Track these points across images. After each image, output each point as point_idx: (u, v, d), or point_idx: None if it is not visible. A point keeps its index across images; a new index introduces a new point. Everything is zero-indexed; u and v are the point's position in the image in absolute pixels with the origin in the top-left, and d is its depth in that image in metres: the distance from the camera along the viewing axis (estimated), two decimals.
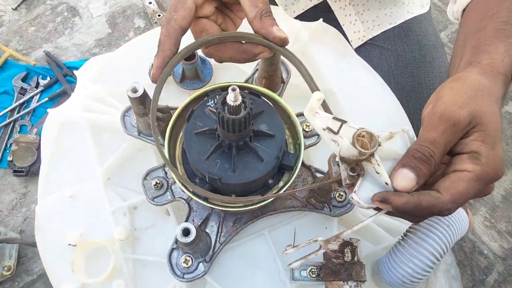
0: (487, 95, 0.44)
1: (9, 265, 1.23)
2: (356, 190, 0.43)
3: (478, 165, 0.40)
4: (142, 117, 0.58)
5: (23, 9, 1.79)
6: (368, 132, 0.40)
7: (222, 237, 0.58)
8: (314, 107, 0.42)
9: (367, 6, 0.95)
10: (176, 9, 0.51)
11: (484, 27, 0.53)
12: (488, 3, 0.57)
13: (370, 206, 0.43)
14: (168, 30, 0.50)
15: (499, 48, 0.49)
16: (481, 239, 1.48)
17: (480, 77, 0.46)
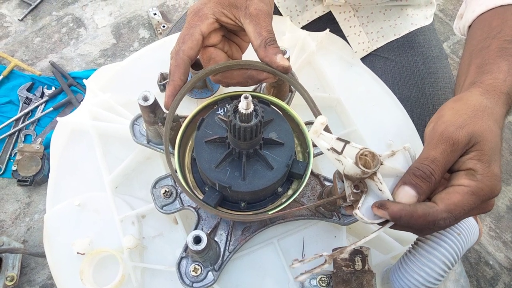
0: (487, 115, 0.45)
1: (12, 275, 1.23)
2: (360, 207, 0.45)
3: (474, 181, 0.42)
4: (152, 125, 0.58)
5: (29, 20, 1.81)
6: (371, 152, 0.42)
7: (231, 245, 0.58)
8: (318, 130, 0.45)
9: (372, 18, 0.97)
10: (184, 40, 0.53)
11: (488, 46, 0.55)
12: (492, 21, 0.59)
13: (373, 222, 0.45)
14: (177, 61, 0.53)
15: (502, 68, 0.51)
16: (486, 250, 1.47)
17: (482, 98, 0.48)
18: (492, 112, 0.46)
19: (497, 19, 0.59)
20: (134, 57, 0.76)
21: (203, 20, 0.54)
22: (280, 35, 0.78)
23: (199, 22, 0.54)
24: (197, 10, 0.55)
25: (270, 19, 0.55)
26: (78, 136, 0.68)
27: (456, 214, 0.42)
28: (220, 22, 0.56)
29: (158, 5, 1.89)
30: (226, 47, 0.59)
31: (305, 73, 0.75)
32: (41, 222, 1.43)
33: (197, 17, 0.54)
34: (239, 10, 0.54)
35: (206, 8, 0.54)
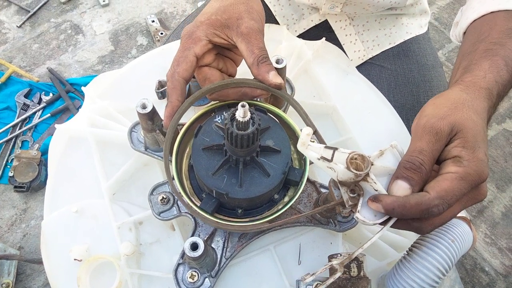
0: (466, 107, 0.48)
1: (8, 282, 1.22)
2: (359, 210, 0.45)
3: (460, 167, 0.43)
4: (150, 132, 0.59)
5: (28, 27, 1.82)
6: (360, 154, 0.43)
7: (228, 252, 0.58)
8: (306, 141, 0.45)
9: (367, 27, 0.98)
10: (178, 63, 0.55)
11: (475, 49, 0.57)
12: (482, 26, 0.61)
13: (375, 223, 0.45)
14: (173, 83, 0.55)
15: (483, 66, 0.53)
16: (482, 256, 1.48)
17: (461, 93, 0.50)
18: (471, 105, 0.48)
19: (487, 25, 0.61)
20: (133, 65, 0.76)
21: (196, 43, 0.56)
22: (277, 44, 0.79)
23: (193, 44, 0.56)
24: (191, 33, 0.57)
25: (261, 36, 0.56)
26: (76, 143, 0.69)
27: (448, 199, 0.43)
28: (213, 43, 0.58)
29: (156, 12, 1.91)
30: (220, 64, 0.61)
31: (301, 81, 0.76)
32: (38, 228, 1.42)
33: (191, 39, 0.56)
34: (231, 29, 0.56)
35: (199, 30, 0.56)
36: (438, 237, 0.52)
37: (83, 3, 1.90)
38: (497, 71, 0.53)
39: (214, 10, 0.57)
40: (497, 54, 0.54)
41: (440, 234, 0.53)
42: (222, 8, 0.57)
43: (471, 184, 0.44)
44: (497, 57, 0.54)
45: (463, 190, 0.43)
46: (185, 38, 0.57)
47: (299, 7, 0.99)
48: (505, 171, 1.65)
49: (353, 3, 0.87)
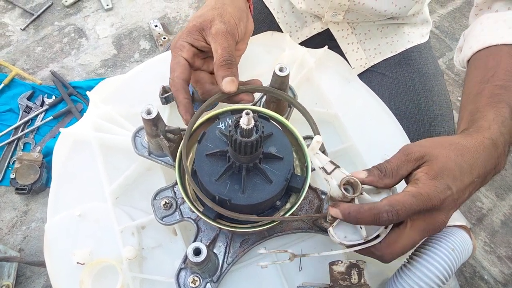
0: (453, 147, 0.50)
1: (8, 284, 1.22)
2: (335, 226, 0.51)
3: (414, 187, 0.47)
4: (154, 138, 0.59)
5: (31, 30, 1.83)
6: (356, 180, 0.48)
7: (229, 257, 0.59)
8: (315, 148, 0.50)
9: (369, 35, 0.99)
10: (174, 69, 0.61)
11: (481, 91, 0.59)
12: (488, 61, 0.62)
13: (342, 242, 0.51)
14: (176, 86, 0.61)
15: (488, 116, 0.54)
16: (481, 264, 1.48)
17: (459, 138, 0.52)
18: (462, 148, 0.50)
19: (492, 60, 0.62)
20: (137, 70, 0.77)
21: (182, 49, 0.62)
22: (280, 51, 0.80)
23: (179, 51, 0.62)
24: (175, 44, 0.63)
25: (229, 37, 0.60)
26: (80, 147, 0.69)
27: (398, 209, 0.46)
28: (196, 47, 0.63)
29: (159, 17, 1.92)
30: (210, 65, 0.66)
31: (303, 89, 0.76)
32: (38, 230, 1.43)
33: (176, 48, 0.62)
34: (205, 32, 0.61)
35: (181, 39, 0.62)
36: (438, 245, 0.53)
37: (87, 7, 1.91)
38: (502, 120, 0.54)
39: (193, 18, 0.63)
40: (502, 100, 0.55)
41: (440, 243, 0.53)
42: (199, 14, 0.63)
43: (421, 204, 0.46)
44: (502, 103, 0.55)
45: (413, 206, 0.46)
46: (173, 48, 0.63)
47: (302, 15, 1.00)
48: (504, 179, 1.66)
49: (355, 10, 0.88)
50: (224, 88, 0.58)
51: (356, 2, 0.84)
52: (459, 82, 1.91)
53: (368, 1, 0.84)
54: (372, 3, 0.85)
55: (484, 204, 1.63)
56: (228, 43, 0.59)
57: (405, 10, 0.90)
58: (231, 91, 0.59)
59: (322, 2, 0.90)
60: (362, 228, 0.49)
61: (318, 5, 0.91)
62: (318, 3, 0.91)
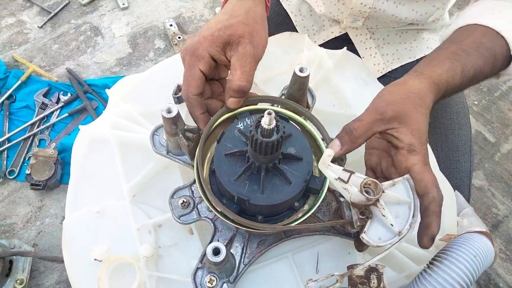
0: (417, 98, 0.55)
1: (22, 279, 1.24)
2: (366, 231, 0.50)
3: (417, 155, 0.52)
4: (173, 136, 0.59)
5: (48, 28, 1.86)
6: (373, 181, 0.48)
7: (246, 258, 0.58)
8: (326, 162, 0.50)
9: (387, 40, 0.98)
10: (189, 83, 0.58)
11: (446, 47, 0.64)
12: (462, 33, 0.67)
13: (378, 244, 0.49)
14: (191, 103, 0.59)
15: (443, 66, 0.60)
16: (496, 272, 1.46)
17: (418, 83, 0.57)
18: (422, 96, 0.56)
19: (466, 32, 0.67)
20: (155, 69, 0.77)
21: (200, 60, 0.58)
22: (298, 52, 0.79)
23: (197, 62, 0.58)
24: (194, 50, 0.58)
25: (253, 61, 0.58)
26: (99, 144, 0.70)
27: (437, 185, 0.51)
28: (214, 60, 0.60)
29: (174, 16, 1.93)
30: (221, 73, 0.64)
31: (322, 90, 0.76)
32: (52, 226, 1.44)
33: (194, 57, 0.58)
34: (231, 46, 0.58)
35: (202, 47, 0.58)
36: (460, 252, 0.52)
37: (103, 5, 1.93)
38: (452, 74, 0.59)
39: (219, 26, 0.58)
40: (459, 60, 0.61)
41: (462, 249, 0.53)
42: (227, 25, 0.58)
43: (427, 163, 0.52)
44: (458, 63, 0.60)
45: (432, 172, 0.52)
46: (189, 55, 0.59)
47: (320, 18, 0.99)
48: None
49: (376, 17, 0.87)
50: (229, 105, 0.59)
51: (377, 9, 0.83)
52: (475, 86, 1.88)
53: (389, 8, 0.83)
54: (393, 10, 0.84)
55: (500, 210, 1.60)
56: (250, 67, 0.58)
57: (425, 16, 0.89)
58: (235, 107, 0.59)
59: (342, 7, 0.89)
60: (393, 225, 0.48)
61: (338, 9, 0.90)
62: (338, 8, 0.90)
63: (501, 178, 1.67)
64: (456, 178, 0.89)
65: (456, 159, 0.90)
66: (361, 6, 0.83)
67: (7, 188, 1.50)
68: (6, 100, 1.62)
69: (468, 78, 0.61)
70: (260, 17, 0.62)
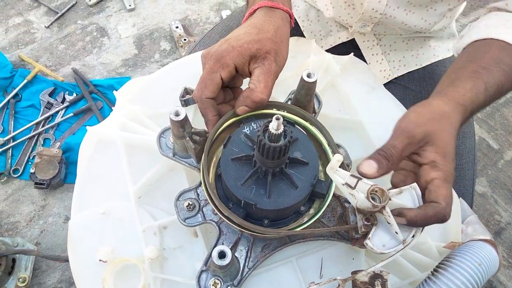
0: (444, 119, 0.56)
1: (24, 277, 1.24)
2: (370, 238, 0.50)
3: (439, 171, 0.51)
4: (180, 139, 0.60)
5: (55, 28, 1.87)
6: (380, 188, 0.48)
7: (250, 262, 0.59)
8: (335, 167, 0.50)
9: (394, 47, 0.98)
10: (206, 85, 0.58)
11: (466, 67, 0.64)
12: (478, 49, 0.68)
13: (382, 252, 0.49)
14: (204, 104, 0.59)
15: (466, 86, 0.60)
16: (498, 279, 1.45)
17: (443, 105, 0.57)
18: (449, 117, 0.56)
19: (483, 48, 0.67)
20: (163, 71, 0.78)
21: (224, 68, 0.58)
22: (305, 57, 0.80)
23: (220, 69, 0.58)
24: (220, 57, 0.58)
25: (274, 78, 0.60)
26: (105, 145, 0.70)
27: (451, 203, 0.50)
28: (236, 70, 0.60)
29: (180, 18, 1.94)
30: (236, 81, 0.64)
31: (328, 95, 0.76)
32: (55, 225, 1.45)
33: (219, 64, 0.58)
34: (257, 59, 0.60)
35: (229, 57, 0.58)
36: (465, 260, 0.52)
37: (110, 6, 1.94)
38: (476, 93, 0.60)
39: (249, 39, 0.59)
40: (481, 78, 0.61)
41: (466, 257, 0.53)
42: (256, 39, 0.60)
43: (451, 185, 0.52)
44: (480, 81, 0.61)
45: (451, 190, 0.52)
46: (214, 61, 0.59)
47: (327, 24, 0.99)
48: None
49: (385, 23, 0.87)
50: (238, 111, 0.60)
51: (388, 16, 0.83)
52: None
53: (399, 15, 0.84)
54: (403, 17, 0.84)
55: (502, 217, 1.60)
56: (272, 83, 0.60)
57: (434, 25, 0.89)
58: (242, 114, 0.61)
59: (352, 12, 0.89)
60: (398, 233, 0.49)
61: (347, 14, 0.90)
62: (348, 12, 0.90)
63: (504, 185, 1.67)
64: (460, 185, 0.89)
65: (460, 167, 0.90)
66: (372, 12, 0.83)
67: (11, 187, 1.51)
68: (12, 99, 1.63)
69: (491, 95, 0.61)
70: (286, 37, 0.64)
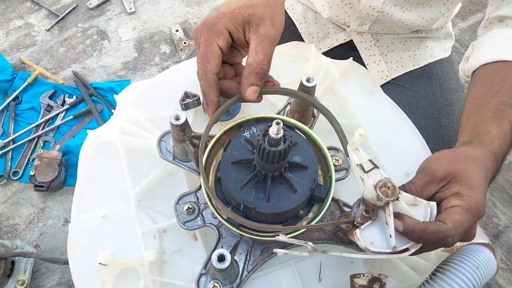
0: (468, 160, 0.52)
1: (23, 279, 1.24)
2: (361, 229, 0.48)
3: (462, 200, 0.48)
4: (180, 143, 0.60)
5: (56, 30, 1.87)
6: (393, 184, 0.45)
7: (250, 265, 0.59)
8: (356, 143, 0.47)
9: (391, 48, 0.99)
10: (208, 59, 0.55)
11: (486, 104, 0.60)
12: (494, 76, 0.64)
13: (366, 247, 0.48)
14: (208, 82, 0.56)
15: (491, 132, 0.57)
16: (497, 282, 1.45)
17: (468, 149, 0.55)
18: (474, 158, 0.52)
19: (499, 75, 0.63)
20: (164, 75, 0.78)
21: (219, 36, 0.55)
22: (304, 62, 0.80)
23: (216, 37, 0.56)
24: (212, 25, 0.56)
25: (273, 44, 0.57)
26: (106, 149, 0.70)
27: (460, 231, 0.46)
28: (232, 38, 0.57)
29: (180, 22, 1.95)
30: (235, 58, 0.62)
31: (327, 100, 0.77)
32: (54, 227, 1.45)
33: (213, 32, 0.56)
34: (251, 25, 0.56)
35: (221, 23, 0.56)
36: (463, 263, 0.52)
37: (110, 10, 1.95)
38: (504, 137, 0.56)
39: (240, 4, 0.56)
40: (506, 117, 0.58)
41: (464, 261, 0.53)
42: (247, 4, 0.56)
43: (474, 217, 0.48)
44: (505, 120, 0.58)
45: (469, 223, 0.47)
46: (207, 30, 0.56)
47: (325, 26, 1.00)
48: None
49: (382, 21, 0.88)
50: (247, 95, 0.56)
51: (385, 13, 0.84)
52: None
53: (396, 13, 0.84)
54: (400, 15, 0.85)
55: (501, 220, 1.60)
56: (271, 50, 0.56)
57: (431, 22, 0.90)
58: (252, 99, 0.57)
59: (349, 11, 0.90)
60: (391, 237, 0.47)
61: (345, 13, 0.91)
62: (345, 11, 0.91)
63: (502, 188, 1.67)
64: None
65: None
66: (370, 9, 0.84)
67: (10, 189, 1.51)
68: (12, 102, 1.63)
69: None
70: (280, 1, 0.60)
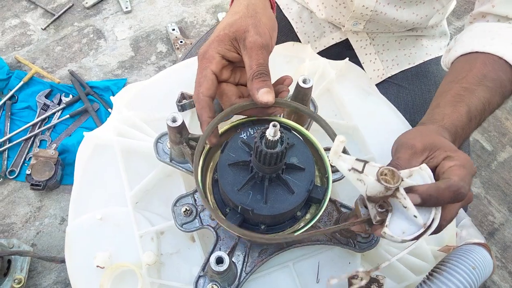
0: (432, 132, 0.55)
1: (20, 278, 1.24)
2: (388, 225, 0.45)
3: (455, 160, 0.49)
4: (177, 145, 0.60)
5: (52, 30, 1.86)
6: (390, 169, 0.43)
7: (248, 267, 0.59)
8: (338, 150, 0.45)
9: (387, 47, 0.99)
10: (200, 83, 0.58)
11: (449, 90, 0.63)
12: (463, 67, 0.66)
13: (403, 239, 0.45)
14: (200, 104, 0.57)
15: (445, 111, 0.59)
16: (492, 279, 1.47)
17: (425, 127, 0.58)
18: (436, 132, 0.55)
19: (467, 65, 0.65)
20: (160, 76, 0.78)
21: (211, 61, 0.58)
22: (300, 62, 0.80)
23: (208, 63, 0.58)
24: (204, 53, 0.59)
25: (264, 51, 0.57)
26: (103, 150, 0.70)
27: (467, 182, 0.47)
28: (227, 59, 0.59)
29: (176, 21, 1.94)
30: (237, 76, 0.63)
31: (324, 100, 0.77)
32: (51, 226, 1.45)
33: (205, 59, 0.58)
34: (239, 42, 0.58)
35: (211, 49, 0.58)
36: (459, 263, 0.53)
37: (106, 9, 1.94)
38: (457, 117, 0.59)
39: (223, 26, 0.59)
40: (463, 101, 0.60)
41: (461, 261, 0.53)
42: (230, 23, 0.58)
43: (470, 173, 0.49)
44: (462, 103, 0.60)
45: (469, 177, 0.48)
46: (201, 58, 0.59)
47: (320, 25, 1.00)
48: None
49: (377, 20, 0.88)
50: (261, 99, 0.55)
51: (379, 12, 0.84)
52: None
53: (390, 11, 0.85)
54: (393, 13, 0.85)
55: (496, 218, 1.62)
56: (263, 57, 0.57)
57: (426, 19, 0.90)
58: (269, 102, 0.55)
59: (344, 11, 0.90)
60: (417, 216, 0.44)
61: (339, 13, 0.91)
62: (340, 11, 0.91)
63: (497, 186, 1.68)
64: None
65: None
66: (363, 9, 0.84)
67: (7, 188, 1.50)
68: (8, 101, 1.62)
69: (477, 114, 0.60)
70: (260, 7, 0.61)
